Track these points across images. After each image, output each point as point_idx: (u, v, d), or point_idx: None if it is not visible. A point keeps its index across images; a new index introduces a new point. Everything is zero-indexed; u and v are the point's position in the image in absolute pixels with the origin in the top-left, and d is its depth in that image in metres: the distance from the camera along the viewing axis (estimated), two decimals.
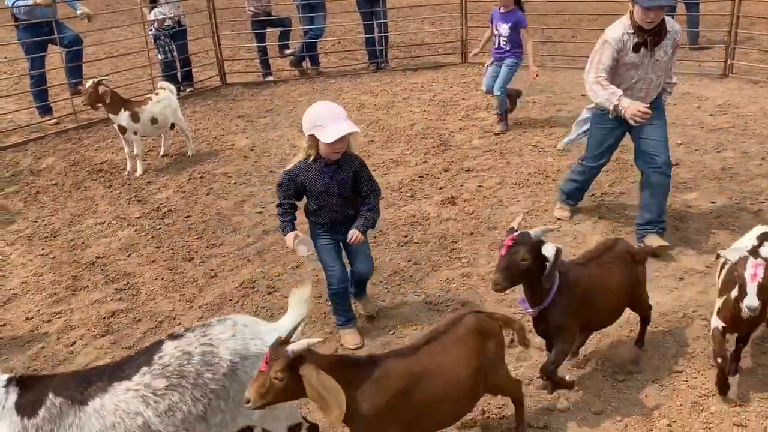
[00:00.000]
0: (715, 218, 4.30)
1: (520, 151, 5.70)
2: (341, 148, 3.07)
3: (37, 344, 3.55)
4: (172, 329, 3.57)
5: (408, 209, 4.79)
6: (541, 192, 4.89)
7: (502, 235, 4.25)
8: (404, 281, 3.87)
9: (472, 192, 4.99)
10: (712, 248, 3.94)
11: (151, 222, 4.92)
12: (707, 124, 6.04)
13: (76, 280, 4.18)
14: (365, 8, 9.22)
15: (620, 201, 4.63)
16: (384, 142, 6.24)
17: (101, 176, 5.91)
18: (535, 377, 2.97)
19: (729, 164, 5.11)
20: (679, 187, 4.78)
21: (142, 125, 5.75)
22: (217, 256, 4.35)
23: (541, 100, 7.17)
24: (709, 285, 3.59)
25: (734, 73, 7.62)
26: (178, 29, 8.32)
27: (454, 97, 7.59)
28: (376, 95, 7.92)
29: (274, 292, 3.86)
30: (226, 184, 5.50)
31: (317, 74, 9.22)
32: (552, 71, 8.50)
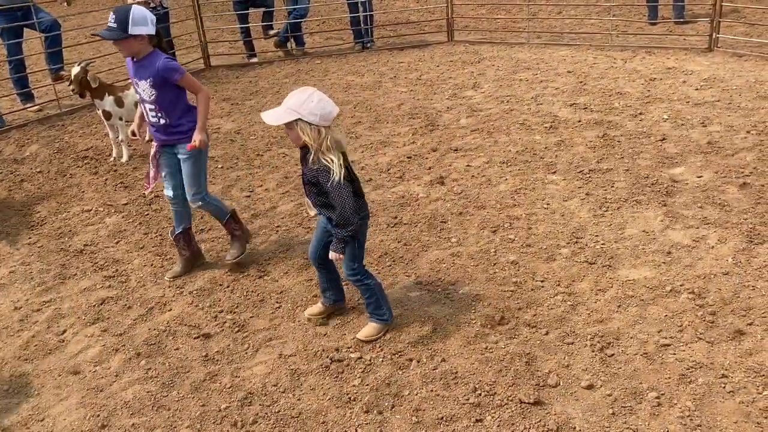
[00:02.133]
0: (701, 192, 4.33)
1: (507, 130, 5.70)
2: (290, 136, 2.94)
3: (27, 333, 3.54)
4: (162, 314, 3.57)
5: (397, 190, 4.79)
6: (529, 170, 4.90)
7: (492, 214, 4.29)
8: (394, 262, 3.88)
9: (460, 172, 4.99)
10: (699, 223, 3.98)
11: (139, 208, 4.89)
12: (693, 98, 6.06)
13: (65, 268, 4.16)
14: None
15: (607, 177, 4.66)
16: (371, 123, 6.21)
17: (87, 163, 5.85)
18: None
19: (715, 138, 5.13)
20: (666, 162, 4.80)
21: (126, 110, 5.68)
22: (206, 241, 4.33)
23: (528, 78, 7.15)
24: (697, 259, 3.63)
25: (719, 47, 7.63)
26: (161, 11, 8.20)
27: (441, 75, 7.56)
28: (362, 75, 7.87)
29: (264, 276, 3.86)
30: (213, 169, 5.46)
31: (302, 55, 9.14)
32: (538, 48, 8.48)
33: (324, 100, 2.84)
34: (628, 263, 3.65)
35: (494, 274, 3.66)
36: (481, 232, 4.11)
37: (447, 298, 3.49)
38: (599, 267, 3.64)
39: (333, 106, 2.86)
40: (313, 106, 2.81)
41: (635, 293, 3.39)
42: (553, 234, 4.01)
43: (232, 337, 3.34)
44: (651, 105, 5.98)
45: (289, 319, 3.44)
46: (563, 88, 6.67)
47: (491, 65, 7.84)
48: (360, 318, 3.37)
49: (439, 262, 3.83)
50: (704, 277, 3.46)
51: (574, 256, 3.77)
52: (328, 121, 2.84)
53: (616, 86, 6.58)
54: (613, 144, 5.19)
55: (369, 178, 5.02)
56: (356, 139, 5.83)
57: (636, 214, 4.16)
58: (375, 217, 4.42)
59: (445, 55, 8.51)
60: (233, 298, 3.66)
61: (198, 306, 3.62)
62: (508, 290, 3.50)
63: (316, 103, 2.81)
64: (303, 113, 2.82)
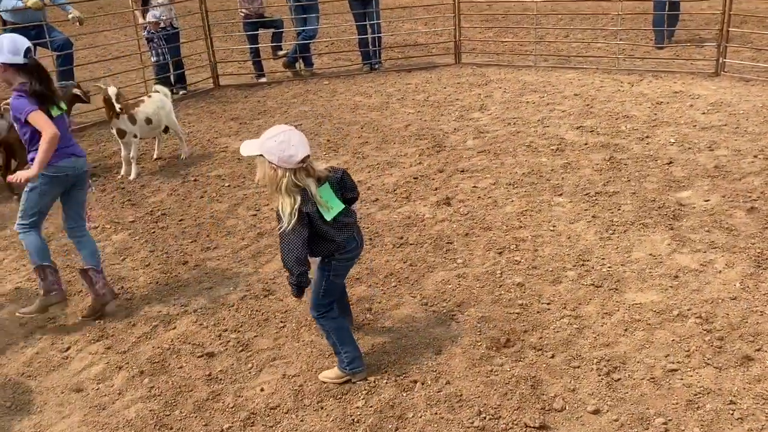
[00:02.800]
0: (709, 216, 4.31)
1: (514, 152, 5.71)
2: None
3: (31, 350, 3.53)
4: (167, 332, 3.56)
5: (403, 210, 4.79)
6: (535, 192, 4.90)
7: (498, 236, 4.28)
8: (400, 283, 3.87)
9: (466, 193, 4.99)
10: (706, 247, 3.95)
11: (145, 226, 4.90)
12: (700, 122, 6.07)
13: (70, 284, 4.16)
14: (358, 9, 9.23)
15: (614, 200, 4.65)
16: (378, 143, 6.24)
17: (94, 180, 5.89)
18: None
19: (722, 162, 5.13)
20: (673, 186, 4.79)
21: (138, 126, 5.74)
22: (211, 259, 4.33)
23: (535, 100, 7.18)
24: (704, 283, 3.60)
25: (726, 72, 7.65)
26: (171, 32, 8.31)
27: (448, 97, 7.60)
28: (370, 96, 7.92)
29: (269, 295, 3.85)
30: (220, 187, 5.49)
31: (311, 75, 9.21)
32: (545, 71, 8.53)
33: (287, 142, 2.70)
34: (635, 287, 3.63)
35: (500, 296, 3.65)
36: (487, 254, 4.10)
37: (452, 319, 3.47)
38: (606, 290, 3.62)
39: (297, 150, 2.71)
40: (274, 146, 2.71)
41: (642, 317, 3.36)
42: (559, 256, 4.00)
43: (235, 356, 3.33)
44: (658, 128, 5.99)
45: (294, 338, 3.43)
46: (570, 111, 6.69)
47: (498, 87, 7.88)
48: (364, 339, 3.35)
49: (445, 283, 3.82)
50: (712, 302, 3.43)
51: (581, 278, 3.75)
52: (288, 164, 2.71)
53: (623, 109, 6.60)
54: (620, 167, 5.18)
55: (375, 198, 5.02)
56: (363, 159, 5.85)
57: (643, 237, 4.14)
58: (380, 237, 4.42)
59: (453, 77, 8.56)
60: (237, 317, 3.66)
61: (202, 324, 3.62)
62: (514, 312, 3.48)
63: (277, 143, 2.70)
64: (263, 150, 2.73)
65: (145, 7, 8.24)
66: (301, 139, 2.76)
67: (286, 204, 2.74)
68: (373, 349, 3.28)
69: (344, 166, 5.65)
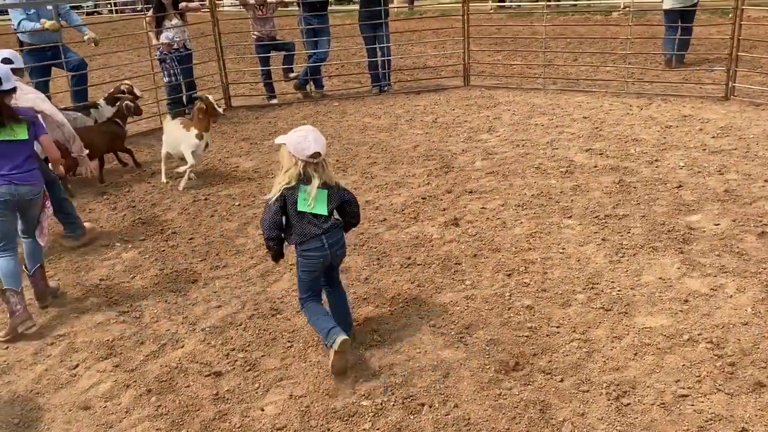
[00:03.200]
0: (719, 240, 4.29)
1: (522, 173, 5.72)
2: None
3: (40, 366, 3.54)
4: (174, 351, 3.56)
5: (411, 231, 4.80)
6: (545, 214, 4.90)
7: (507, 258, 4.28)
8: (407, 304, 3.86)
9: (475, 214, 5.00)
10: (717, 271, 3.93)
11: (155, 244, 4.93)
12: (709, 146, 6.06)
13: (80, 302, 4.18)
14: (368, 33, 9.34)
15: (624, 223, 4.64)
16: (387, 163, 6.27)
17: (106, 198, 5.94)
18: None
19: (732, 186, 5.11)
20: (682, 209, 4.78)
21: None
22: (220, 278, 4.35)
23: (543, 122, 7.21)
24: (715, 308, 3.57)
25: (736, 96, 7.66)
26: (184, 53, 8.42)
27: (457, 119, 7.64)
28: (379, 117, 7.98)
29: (277, 315, 3.85)
30: (230, 206, 5.52)
31: (321, 97, 9.30)
32: (554, 94, 8.57)
33: (305, 137, 3.15)
34: (645, 310, 3.61)
35: (509, 318, 3.63)
36: (495, 276, 4.09)
37: (461, 342, 3.45)
38: (615, 314, 3.60)
39: (310, 145, 3.14)
40: (294, 137, 3.17)
41: (652, 341, 3.33)
42: (568, 279, 3.98)
43: (243, 376, 3.32)
44: (667, 152, 5.99)
45: (301, 359, 3.42)
46: (579, 134, 6.71)
47: (507, 110, 7.92)
48: (371, 360, 3.34)
49: (453, 304, 3.81)
50: (723, 327, 3.40)
51: (590, 302, 3.73)
52: (301, 154, 3.15)
53: (632, 133, 6.61)
54: (629, 190, 5.18)
55: (383, 218, 5.04)
56: (371, 179, 5.87)
57: (652, 260, 4.12)
58: (388, 257, 4.42)
59: (461, 99, 8.62)
60: (245, 336, 3.66)
61: (210, 343, 3.62)
62: (523, 335, 3.46)
63: (297, 136, 3.17)
64: (286, 139, 3.20)
65: (158, 29, 8.36)
66: (317, 138, 3.17)
67: (281, 182, 3.21)
68: (380, 370, 3.27)
69: (353, 186, 5.70)
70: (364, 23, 9.31)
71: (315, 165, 3.19)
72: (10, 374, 3.50)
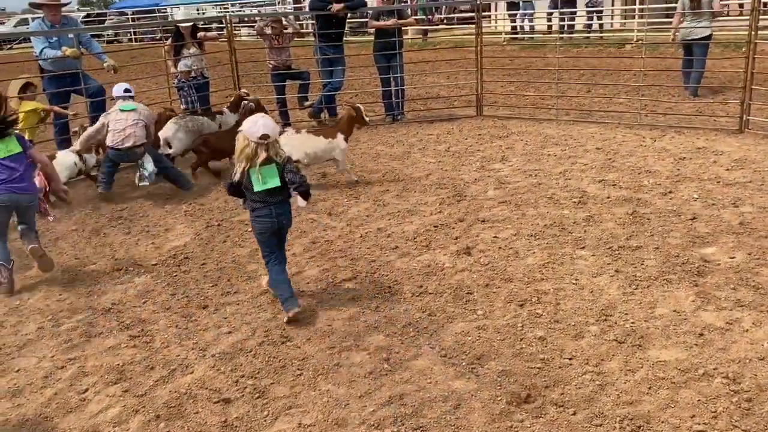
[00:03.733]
0: (734, 273, 4.25)
1: (535, 203, 5.72)
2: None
3: (50, 390, 3.54)
4: (184, 376, 3.55)
5: (422, 259, 4.79)
6: (557, 244, 4.87)
7: (519, 288, 4.25)
8: (418, 333, 3.83)
9: (487, 243, 4.98)
10: (732, 305, 3.88)
11: (168, 269, 4.95)
12: (724, 178, 6.03)
13: (92, 326, 4.19)
14: (382, 63, 9.47)
15: (637, 255, 4.60)
16: (399, 191, 6.29)
17: (120, 223, 5.99)
18: None
19: (747, 219, 5.07)
20: (697, 242, 4.74)
21: None
22: (231, 303, 4.35)
23: (556, 153, 7.22)
24: (730, 342, 3.52)
25: (750, 129, 7.64)
26: (201, 81, 8.56)
27: (469, 148, 7.67)
28: (391, 146, 8.03)
29: (287, 342, 3.84)
30: (243, 232, 5.55)
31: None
32: (567, 124, 8.59)
33: (256, 123, 3.85)
34: (659, 343, 3.56)
35: (521, 349, 3.59)
36: (507, 306, 4.06)
37: (472, 372, 3.42)
38: (629, 346, 3.55)
39: (259, 129, 3.82)
40: (249, 123, 3.88)
41: (666, 375, 3.28)
42: (581, 310, 3.94)
43: (251, 403, 3.30)
44: (681, 184, 5.97)
45: (310, 387, 3.40)
46: (592, 165, 6.70)
47: (519, 140, 7.95)
48: (381, 390, 3.31)
49: (465, 334, 3.78)
50: (739, 362, 3.34)
51: (604, 334, 3.69)
52: (251, 136, 3.84)
53: (645, 164, 6.59)
54: (643, 221, 5.15)
55: (395, 245, 5.04)
56: (384, 207, 5.89)
57: (666, 293, 4.08)
58: (400, 285, 4.41)
59: (474, 129, 8.66)
60: (255, 363, 3.64)
61: (220, 370, 3.60)
62: (535, 367, 3.42)
63: (251, 122, 3.87)
64: (243, 127, 3.91)
65: (177, 57, 8.52)
66: (266, 123, 3.86)
67: (240, 164, 3.92)
68: (391, 400, 3.23)
69: (365, 213, 5.72)
70: (378, 53, 9.43)
71: (265, 145, 3.85)
72: (19, 397, 3.50)
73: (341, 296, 4.32)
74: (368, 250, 5.02)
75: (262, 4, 32.57)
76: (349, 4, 9.19)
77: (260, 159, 3.84)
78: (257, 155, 3.85)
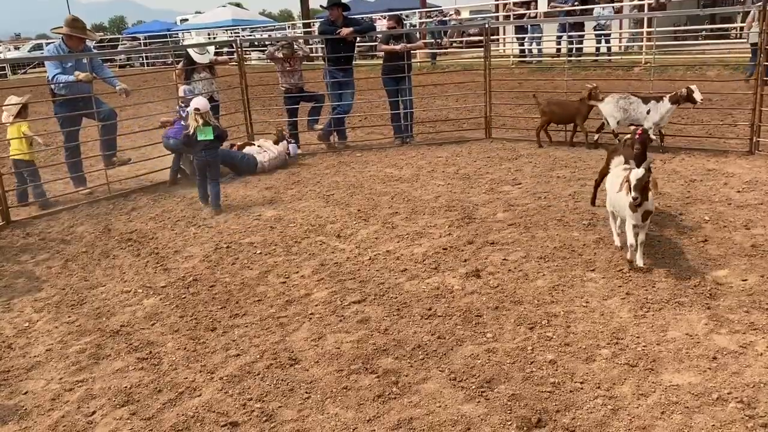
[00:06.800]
0: (747, 296, 4.19)
1: (545, 225, 5.69)
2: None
3: (57, 413, 3.53)
4: (192, 399, 3.53)
5: (432, 281, 4.77)
6: (567, 266, 4.84)
7: (529, 310, 4.21)
8: (427, 356, 3.80)
9: (496, 265, 4.96)
10: (746, 328, 3.83)
11: (176, 291, 4.95)
12: (735, 200, 5.99)
13: (100, 348, 4.19)
14: (391, 86, 9.54)
15: (648, 277, 4.56)
16: (408, 213, 6.28)
17: (130, 245, 6.02)
18: None
19: (759, 242, 5.02)
20: (709, 264, 4.69)
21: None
22: (239, 326, 4.34)
23: (565, 175, 7.20)
24: (744, 366, 3.46)
25: (760, 151, 7.61)
26: (211, 104, 8.64)
27: (479, 170, 7.67)
28: (401, 168, 8.04)
29: (295, 365, 3.82)
30: (252, 254, 5.55)
31: (344, 147, 9.43)
32: (576, 147, 8.58)
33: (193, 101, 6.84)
34: (672, 367, 3.51)
35: (531, 373, 3.55)
36: (517, 329, 4.02)
37: (481, 396, 3.38)
38: (641, 370, 3.50)
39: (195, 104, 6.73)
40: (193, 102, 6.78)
41: (680, 399, 3.23)
42: (592, 333, 3.90)
43: (259, 427, 3.27)
44: (692, 206, 5.93)
45: (318, 410, 3.36)
46: (602, 186, 6.67)
47: (528, 162, 7.95)
48: (390, 413, 3.27)
49: (474, 357, 3.74)
50: (753, 386, 3.29)
51: (615, 357, 3.64)
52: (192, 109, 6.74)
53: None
54: (653, 244, 5.11)
55: (404, 267, 5.02)
56: (393, 229, 5.88)
57: (678, 316, 4.03)
58: (409, 308, 4.38)
59: (483, 151, 8.67)
60: (263, 386, 3.62)
61: (227, 392, 3.58)
62: (546, 391, 3.37)
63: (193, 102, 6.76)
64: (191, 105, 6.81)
65: (187, 81, 8.62)
66: (200, 102, 6.78)
67: (192, 125, 6.68)
68: (399, 425, 3.19)
69: (374, 236, 5.71)
70: (387, 77, 9.50)
71: (200, 114, 6.60)
72: (27, 420, 3.49)
73: (350, 318, 4.30)
74: (377, 272, 5.00)
75: (272, 29, 33.01)
76: (357, 29, 9.29)
77: (198, 123, 6.60)
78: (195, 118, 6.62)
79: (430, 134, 10.09)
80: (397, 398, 3.41)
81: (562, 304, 4.28)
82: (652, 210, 4.71)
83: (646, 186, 4.52)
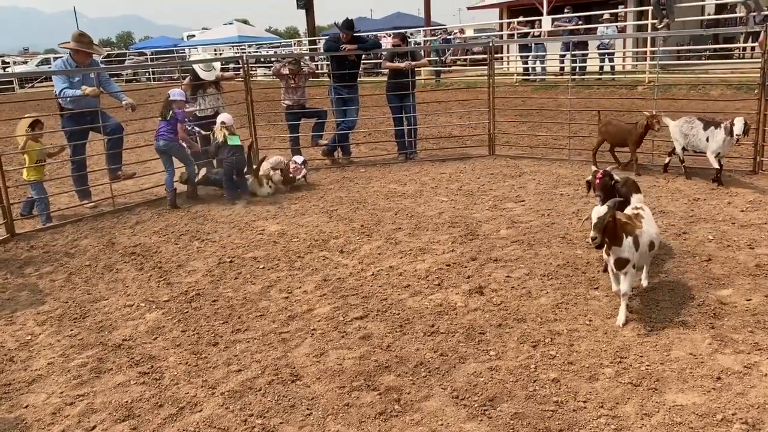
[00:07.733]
0: (751, 316, 4.17)
1: (548, 243, 5.69)
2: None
3: (58, 427, 3.51)
4: (193, 414, 3.52)
5: (434, 298, 4.76)
6: (571, 284, 4.83)
7: (532, 328, 4.20)
8: (430, 373, 3.78)
9: (500, 282, 4.95)
10: (750, 348, 3.80)
11: (179, 305, 4.95)
12: (739, 219, 5.98)
13: (102, 362, 4.18)
14: (395, 103, 9.59)
15: (652, 296, 4.54)
16: (411, 229, 6.28)
17: (133, 259, 6.03)
18: None
19: (763, 261, 5.01)
20: (713, 284, 4.68)
21: (640, 254, 4.24)
22: (241, 341, 4.33)
23: (569, 192, 7.21)
24: (749, 387, 3.44)
25: (764, 170, 7.61)
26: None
27: (482, 187, 7.68)
28: (404, 184, 8.06)
29: (296, 381, 3.80)
30: (255, 269, 5.55)
31: (348, 163, 9.46)
32: (579, 164, 8.60)
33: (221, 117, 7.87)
34: (676, 387, 3.48)
35: (534, 391, 3.53)
36: (520, 347, 4.01)
37: (484, 414, 3.35)
38: (645, 389, 3.48)
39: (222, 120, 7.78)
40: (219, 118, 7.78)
41: (684, 420, 3.20)
42: (596, 352, 3.88)
43: None
44: (695, 225, 5.92)
45: (319, 427, 3.35)
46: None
47: (532, 179, 7.95)
48: (393, 431, 3.25)
49: (477, 375, 3.72)
50: (758, 407, 3.26)
51: (618, 376, 3.62)
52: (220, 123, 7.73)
53: (659, 204, 6.56)
54: (657, 262, 5.10)
55: (407, 284, 5.01)
56: (396, 245, 5.88)
57: (682, 335, 4.01)
58: (411, 324, 4.37)
59: (486, 168, 8.69)
60: (264, 402, 3.60)
61: (228, 408, 3.57)
62: (549, 410, 3.35)
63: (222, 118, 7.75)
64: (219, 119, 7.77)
65: (194, 96, 8.68)
66: (225, 116, 7.79)
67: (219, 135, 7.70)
68: None
69: (377, 252, 5.71)
70: (391, 93, 9.56)
71: (227, 127, 7.61)
72: None
73: (352, 335, 4.28)
74: (380, 288, 5.00)
75: (278, 45, 33.28)
76: (362, 46, 9.36)
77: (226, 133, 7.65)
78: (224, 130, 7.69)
79: (433, 151, 10.12)
80: (399, 416, 3.39)
81: (566, 322, 4.26)
82: (630, 259, 4.05)
83: (610, 227, 3.94)
